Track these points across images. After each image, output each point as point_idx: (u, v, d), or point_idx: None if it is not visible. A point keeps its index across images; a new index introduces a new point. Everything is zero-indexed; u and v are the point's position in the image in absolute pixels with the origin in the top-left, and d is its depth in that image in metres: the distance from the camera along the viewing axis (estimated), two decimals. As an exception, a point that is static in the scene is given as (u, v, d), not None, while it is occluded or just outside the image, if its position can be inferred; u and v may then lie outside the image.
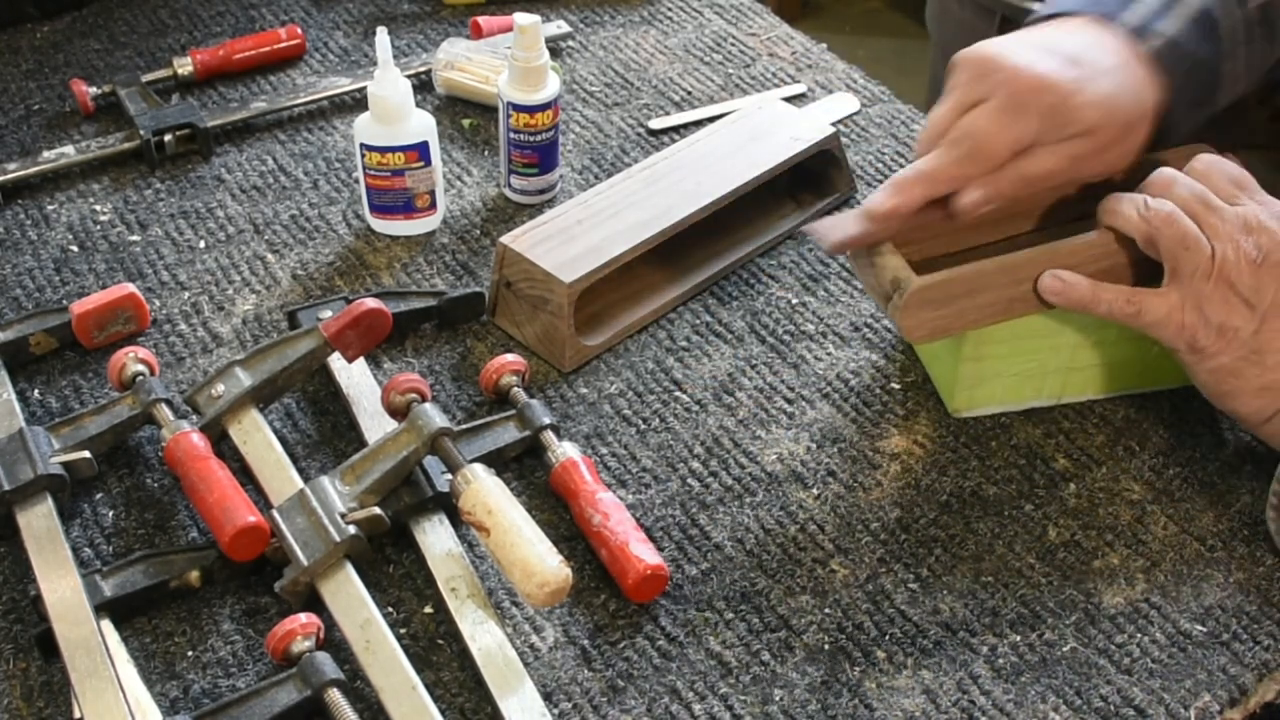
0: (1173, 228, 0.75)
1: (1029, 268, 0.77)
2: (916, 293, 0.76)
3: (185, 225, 0.99)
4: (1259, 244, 0.74)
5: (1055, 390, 0.85)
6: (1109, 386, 0.86)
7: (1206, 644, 0.73)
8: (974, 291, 0.77)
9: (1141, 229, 0.76)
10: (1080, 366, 0.84)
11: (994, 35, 0.81)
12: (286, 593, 0.73)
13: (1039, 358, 0.83)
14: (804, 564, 0.77)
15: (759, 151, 0.97)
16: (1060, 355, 0.83)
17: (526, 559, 0.70)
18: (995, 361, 0.83)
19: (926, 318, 0.77)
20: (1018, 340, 0.82)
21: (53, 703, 0.69)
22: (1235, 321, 0.74)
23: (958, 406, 0.85)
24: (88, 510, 0.79)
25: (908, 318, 0.77)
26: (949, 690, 0.70)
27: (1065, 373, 0.84)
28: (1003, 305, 0.78)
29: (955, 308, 0.77)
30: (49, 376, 0.87)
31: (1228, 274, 0.74)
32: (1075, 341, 0.83)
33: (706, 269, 0.95)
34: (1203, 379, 0.77)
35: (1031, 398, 0.85)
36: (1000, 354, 0.82)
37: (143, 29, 1.20)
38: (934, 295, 0.76)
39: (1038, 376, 0.84)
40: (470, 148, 1.08)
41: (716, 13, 1.25)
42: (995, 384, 0.84)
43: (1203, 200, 0.75)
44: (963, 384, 0.84)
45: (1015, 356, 0.83)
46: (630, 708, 0.70)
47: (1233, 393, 0.76)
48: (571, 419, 0.85)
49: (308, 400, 0.86)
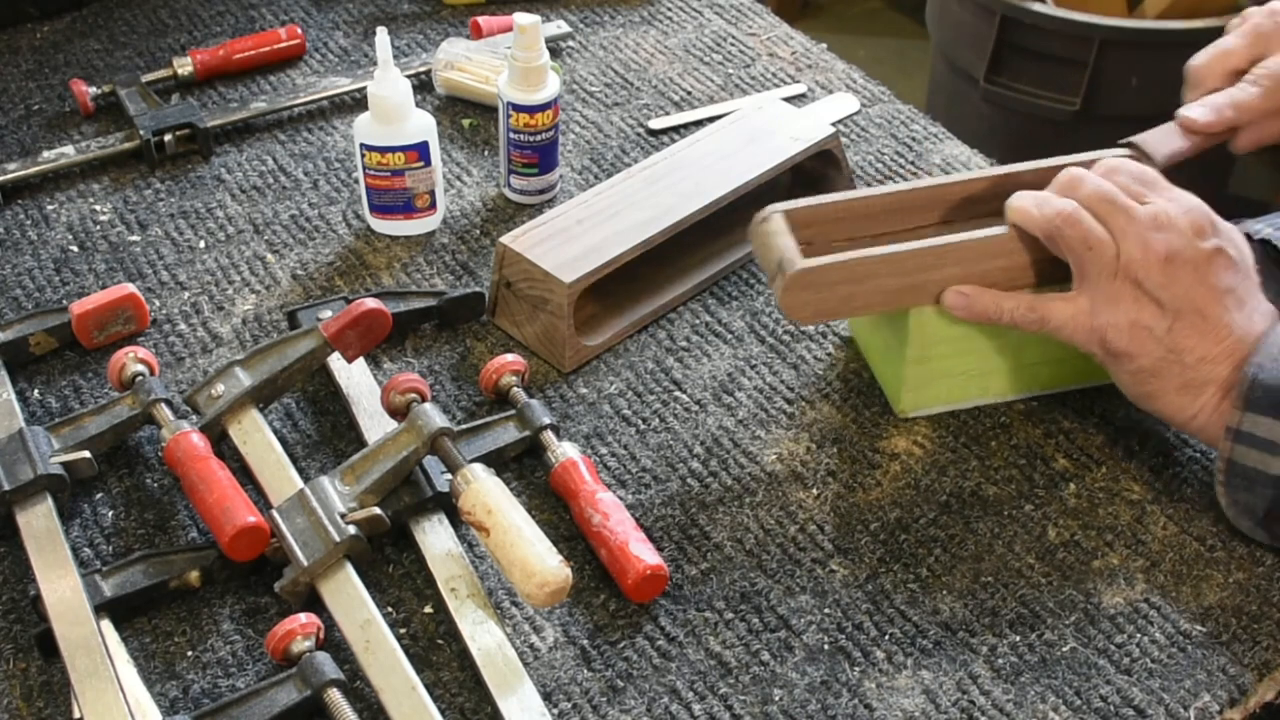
0: (1075, 228, 0.75)
1: (914, 260, 0.78)
2: (797, 275, 0.77)
3: (185, 225, 0.99)
4: (1169, 241, 0.74)
5: (1002, 388, 0.85)
6: (1058, 381, 0.86)
7: (1206, 644, 0.73)
8: (858, 279, 0.78)
9: (1044, 227, 0.76)
10: (1028, 363, 0.85)
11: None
12: (286, 593, 0.73)
13: (985, 356, 0.84)
14: (804, 564, 0.77)
15: (759, 151, 0.97)
16: (1005, 353, 0.84)
17: (526, 559, 0.70)
18: (941, 361, 0.83)
19: (808, 299, 0.78)
20: (963, 340, 0.82)
21: (53, 703, 0.69)
22: (1147, 320, 0.74)
23: (904, 408, 0.85)
24: (88, 510, 0.79)
25: (789, 298, 0.78)
26: (949, 690, 0.70)
27: (1013, 371, 0.85)
28: (891, 295, 0.79)
29: (838, 293, 0.78)
30: (49, 376, 0.87)
31: (1134, 273, 0.74)
32: (1021, 338, 0.82)
33: (706, 269, 0.95)
34: (1124, 381, 0.77)
35: (977, 396, 0.85)
36: (945, 354, 0.83)
37: (143, 29, 1.20)
38: (815, 279, 0.78)
39: (984, 375, 0.84)
40: (470, 148, 1.08)
41: (716, 13, 1.25)
42: (941, 384, 0.84)
43: (1108, 199, 0.75)
44: (909, 385, 0.84)
45: (961, 356, 0.83)
46: (630, 708, 0.70)
47: (1155, 393, 0.76)
48: (571, 419, 0.85)
49: (308, 400, 0.86)
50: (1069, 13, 1.75)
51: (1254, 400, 0.72)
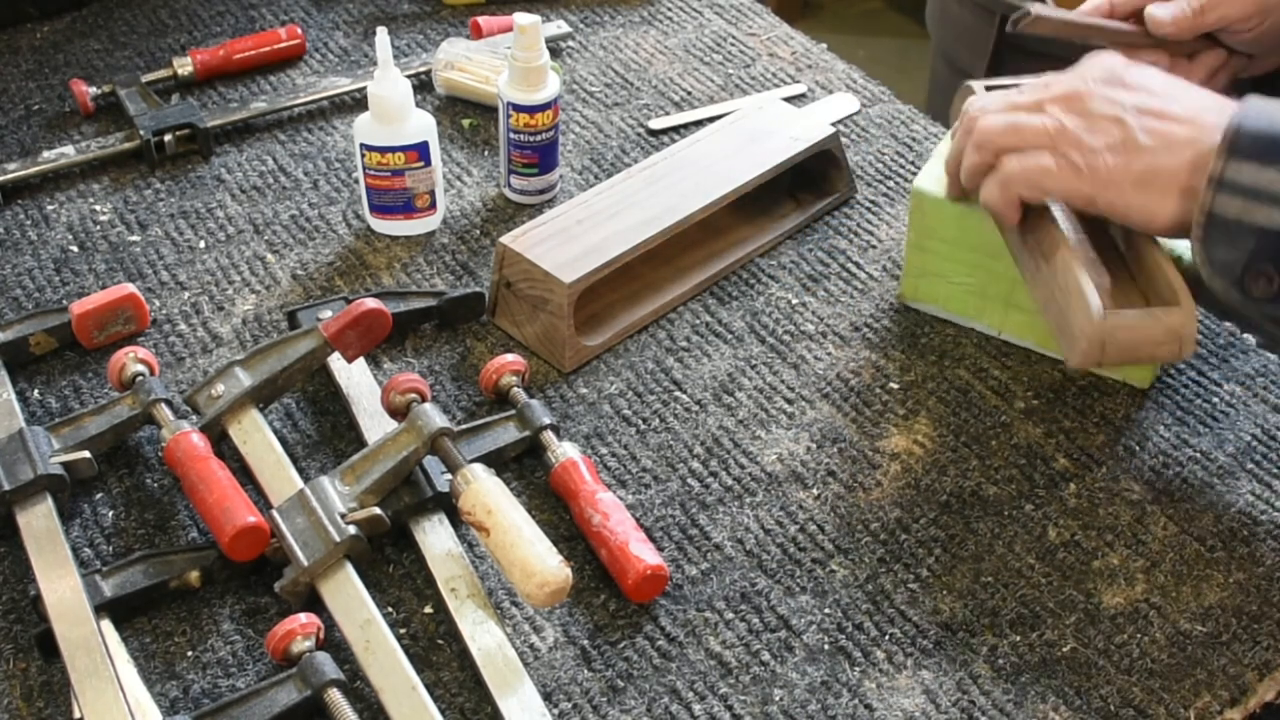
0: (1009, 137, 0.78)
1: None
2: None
3: (185, 225, 0.99)
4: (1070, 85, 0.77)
5: (996, 322, 0.90)
6: (1046, 341, 0.89)
7: (1206, 644, 0.73)
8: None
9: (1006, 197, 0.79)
10: (1020, 307, 0.88)
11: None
12: (286, 593, 0.73)
13: (979, 276, 0.88)
14: (804, 564, 0.77)
15: (759, 151, 0.97)
16: (1000, 284, 0.88)
17: (526, 559, 0.70)
18: (937, 260, 0.89)
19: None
20: (960, 246, 0.87)
21: (53, 703, 0.69)
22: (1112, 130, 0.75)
23: (903, 292, 0.93)
24: (88, 510, 0.79)
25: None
26: (949, 690, 0.70)
27: (1005, 307, 0.89)
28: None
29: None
30: (49, 376, 0.87)
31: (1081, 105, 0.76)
32: (1013, 276, 0.86)
33: (706, 269, 0.95)
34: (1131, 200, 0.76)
35: (974, 317, 0.91)
36: (941, 252, 0.89)
37: (143, 29, 1.20)
38: None
39: (979, 297, 0.89)
40: (470, 148, 1.08)
41: (716, 13, 1.25)
42: (939, 285, 0.90)
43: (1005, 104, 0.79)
44: (909, 271, 0.91)
45: (956, 262, 0.88)
46: (630, 708, 0.70)
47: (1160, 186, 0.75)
48: (571, 419, 0.85)
49: (308, 400, 0.86)
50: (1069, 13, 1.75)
51: (1239, 147, 0.71)
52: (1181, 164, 0.73)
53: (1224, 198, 0.71)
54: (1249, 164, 0.70)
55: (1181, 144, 0.73)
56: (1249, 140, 0.71)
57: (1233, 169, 0.71)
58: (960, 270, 0.88)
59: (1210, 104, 0.75)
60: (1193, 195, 0.72)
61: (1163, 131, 0.74)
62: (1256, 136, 0.71)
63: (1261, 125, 0.71)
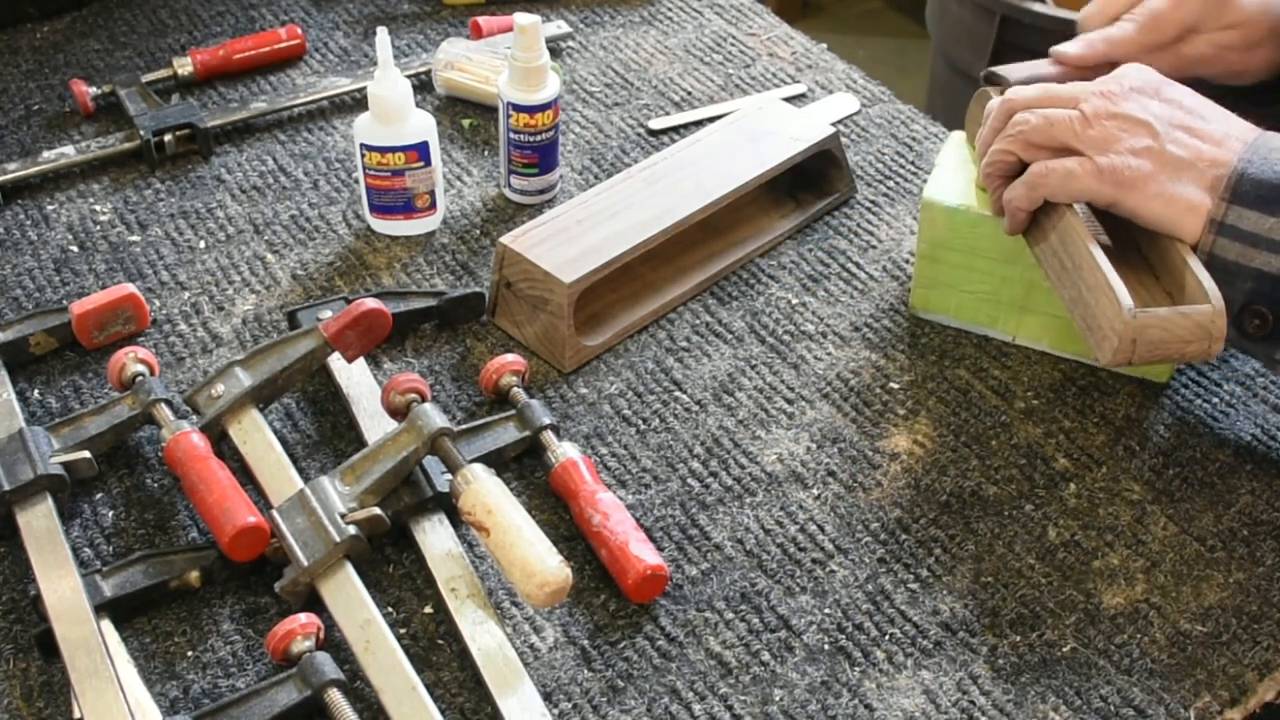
0: (1041, 132, 0.78)
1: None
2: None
3: (185, 225, 0.99)
4: (1107, 89, 0.77)
5: (1011, 327, 0.90)
6: (1062, 342, 0.88)
7: (1206, 644, 0.73)
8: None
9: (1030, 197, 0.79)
10: (1035, 310, 0.87)
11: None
12: (286, 593, 0.73)
13: (993, 283, 0.87)
14: (804, 564, 0.77)
15: (759, 151, 0.97)
16: (1014, 289, 0.87)
17: (526, 559, 0.70)
18: (949, 270, 0.88)
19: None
20: (973, 254, 0.86)
21: (53, 703, 0.69)
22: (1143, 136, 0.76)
23: (914, 303, 0.91)
24: (88, 510, 0.79)
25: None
26: (949, 690, 0.70)
27: (1020, 312, 0.88)
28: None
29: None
30: (49, 376, 0.87)
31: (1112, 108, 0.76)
32: (1028, 279, 0.85)
33: (706, 269, 0.95)
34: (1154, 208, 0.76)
35: (987, 324, 0.90)
36: (954, 262, 0.88)
37: (143, 29, 1.20)
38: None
39: (992, 304, 0.88)
40: (470, 148, 1.08)
41: (716, 13, 1.25)
42: (951, 295, 0.89)
43: (1039, 95, 0.80)
44: (919, 282, 0.90)
45: (969, 270, 0.87)
46: (630, 708, 0.70)
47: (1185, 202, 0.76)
48: (571, 419, 0.85)
49: (308, 400, 0.86)
50: (1069, 13, 1.75)
51: (1240, 193, 0.73)
52: (1204, 181, 0.75)
53: (1224, 241, 0.74)
54: (1250, 211, 0.73)
55: (1207, 161, 0.75)
56: (1250, 186, 0.73)
57: (1234, 215, 0.73)
58: (973, 279, 0.88)
59: (1239, 130, 0.76)
60: (1209, 213, 0.74)
61: (1191, 145, 0.75)
62: (1259, 183, 0.73)
63: (1265, 174, 0.73)
